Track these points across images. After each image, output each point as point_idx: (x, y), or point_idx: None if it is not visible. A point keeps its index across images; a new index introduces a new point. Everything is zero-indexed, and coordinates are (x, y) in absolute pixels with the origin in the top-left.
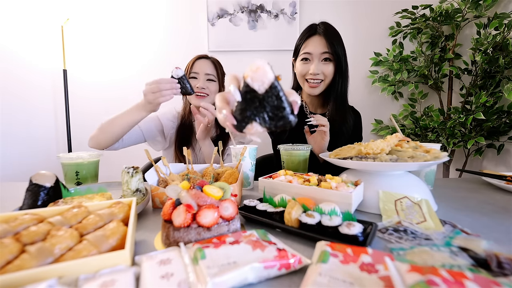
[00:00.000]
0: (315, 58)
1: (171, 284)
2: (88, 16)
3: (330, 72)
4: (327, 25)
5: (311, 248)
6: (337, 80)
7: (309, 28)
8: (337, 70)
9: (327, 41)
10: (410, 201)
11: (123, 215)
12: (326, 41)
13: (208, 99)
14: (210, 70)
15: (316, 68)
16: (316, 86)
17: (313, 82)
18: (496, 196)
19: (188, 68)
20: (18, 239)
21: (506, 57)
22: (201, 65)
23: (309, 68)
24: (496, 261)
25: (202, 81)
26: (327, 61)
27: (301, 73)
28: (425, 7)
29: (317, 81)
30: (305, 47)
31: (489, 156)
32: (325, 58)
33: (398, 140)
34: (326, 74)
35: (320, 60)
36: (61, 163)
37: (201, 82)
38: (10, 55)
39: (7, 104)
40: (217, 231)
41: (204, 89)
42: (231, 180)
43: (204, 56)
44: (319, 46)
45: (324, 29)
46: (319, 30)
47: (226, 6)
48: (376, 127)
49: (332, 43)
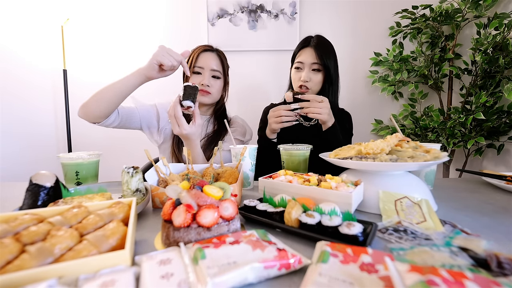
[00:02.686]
0: (306, 67)
1: (171, 284)
2: (88, 16)
3: (318, 81)
4: (320, 38)
5: (311, 248)
6: (326, 89)
7: (304, 40)
8: (326, 80)
9: (317, 53)
10: (410, 201)
11: (123, 215)
12: (316, 53)
13: (211, 98)
14: (216, 65)
15: (306, 75)
16: (305, 91)
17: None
18: (496, 196)
19: (192, 61)
20: (18, 239)
21: (506, 57)
22: (206, 59)
23: (301, 75)
24: (496, 261)
25: (207, 77)
26: (316, 70)
27: (294, 80)
28: (425, 7)
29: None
30: (299, 56)
31: (489, 156)
32: (314, 68)
33: (398, 140)
34: (315, 82)
35: (310, 69)
36: (61, 163)
37: (206, 79)
38: (10, 55)
39: (7, 104)
40: (217, 231)
41: (209, 86)
42: (231, 180)
43: (210, 48)
44: (310, 57)
45: (316, 42)
46: (312, 43)
47: (226, 6)
48: (376, 127)
49: (322, 56)
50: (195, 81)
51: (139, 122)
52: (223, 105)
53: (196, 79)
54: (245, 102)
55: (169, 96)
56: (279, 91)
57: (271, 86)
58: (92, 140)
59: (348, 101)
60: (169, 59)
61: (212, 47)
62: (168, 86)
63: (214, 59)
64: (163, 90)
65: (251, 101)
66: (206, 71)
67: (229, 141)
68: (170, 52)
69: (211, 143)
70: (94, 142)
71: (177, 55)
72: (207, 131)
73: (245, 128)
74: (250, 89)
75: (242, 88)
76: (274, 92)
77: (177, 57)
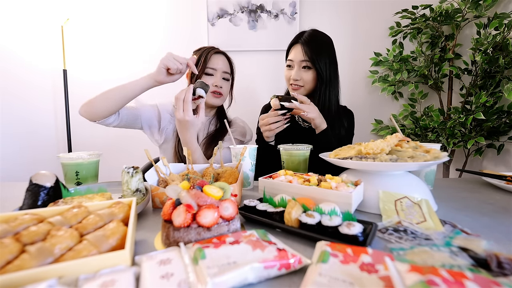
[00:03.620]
0: (296, 65)
1: (171, 284)
2: (88, 16)
3: (310, 79)
4: (313, 34)
5: (311, 248)
6: (318, 87)
7: (295, 36)
8: (318, 78)
9: (306, 50)
10: (410, 201)
11: (123, 215)
12: (304, 50)
13: (222, 99)
14: (227, 68)
15: (296, 74)
16: (297, 89)
17: (294, 86)
18: (496, 196)
19: (204, 62)
20: (18, 239)
21: (506, 57)
22: (218, 61)
23: (291, 73)
24: (496, 261)
25: (220, 79)
26: (306, 68)
27: (286, 78)
28: (425, 7)
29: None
30: (290, 54)
31: (489, 156)
32: (304, 66)
33: (398, 140)
34: (306, 81)
35: (301, 67)
36: (61, 163)
37: (219, 81)
38: (10, 55)
39: (7, 104)
40: (217, 231)
41: (221, 88)
42: (231, 180)
43: (219, 51)
44: (299, 54)
45: (307, 38)
46: (301, 39)
47: (226, 6)
48: (376, 127)
49: (311, 52)
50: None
51: (140, 122)
52: (222, 106)
53: (209, 80)
54: (245, 102)
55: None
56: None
57: (271, 86)
58: (92, 140)
59: (348, 101)
60: (174, 63)
61: (219, 49)
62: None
63: (225, 62)
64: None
65: (251, 101)
66: (218, 73)
67: (229, 141)
68: (176, 57)
69: (211, 143)
70: (94, 142)
71: (182, 58)
72: (208, 131)
73: (245, 128)
74: (250, 89)
75: (242, 88)
76: (274, 92)
77: (182, 60)
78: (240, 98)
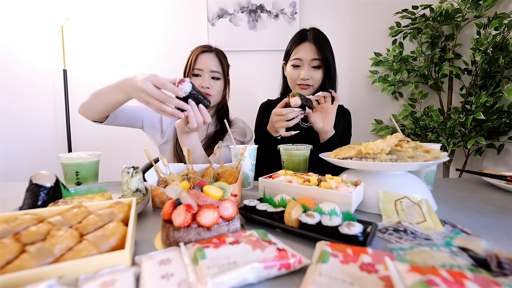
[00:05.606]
0: (305, 64)
1: (171, 284)
2: (88, 16)
3: (319, 78)
4: (317, 31)
5: (311, 248)
6: (326, 85)
7: (299, 34)
8: (326, 75)
9: (317, 47)
10: (410, 201)
11: (123, 215)
12: (316, 48)
13: (212, 100)
14: (216, 66)
15: (306, 73)
16: (305, 89)
17: (303, 86)
18: (496, 196)
19: (191, 63)
20: (18, 239)
21: (506, 57)
22: (205, 61)
23: (300, 73)
24: (496, 261)
25: (207, 79)
26: (316, 67)
27: (292, 78)
28: (425, 7)
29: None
30: (296, 53)
31: (489, 156)
32: (314, 65)
33: (398, 140)
34: (315, 80)
35: (310, 66)
36: (61, 163)
37: (205, 81)
38: (10, 55)
39: (7, 104)
40: (217, 231)
41: (209, 88)
42: (231, 180)
43: (208, 49)
44: (310, 53)
45: (314, 36)
46: (309, 36)
47: (226, 6)
48: (376, 127)
49: (322, 50)
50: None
51: (141, 122)
52: (225, 105)
53: (196, 81)
54: (245, 102)
55: None
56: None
57: (271, 86)
58: (92, 140)
59: (348, 101)
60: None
61: (210, 47)
62: None
63: (213, 59)
64: None
65: (251, 101)
66: (205, 73)
67: (229, 141)
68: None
69: (212, 143)
70: (94, 142)
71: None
72: (208, 131)
73: (245, 129)
74: (250, 89)
75: (242, 88)
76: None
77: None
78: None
